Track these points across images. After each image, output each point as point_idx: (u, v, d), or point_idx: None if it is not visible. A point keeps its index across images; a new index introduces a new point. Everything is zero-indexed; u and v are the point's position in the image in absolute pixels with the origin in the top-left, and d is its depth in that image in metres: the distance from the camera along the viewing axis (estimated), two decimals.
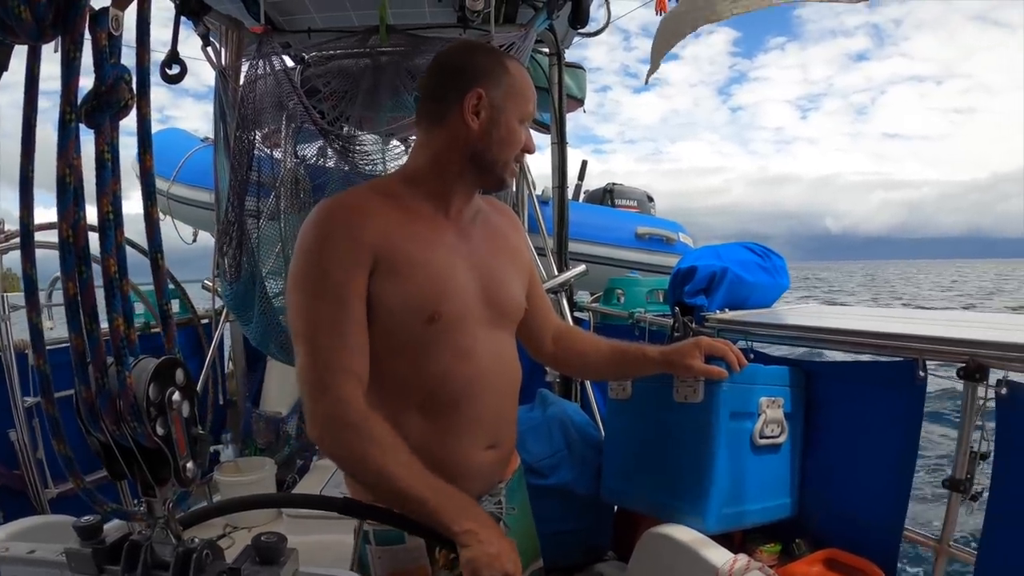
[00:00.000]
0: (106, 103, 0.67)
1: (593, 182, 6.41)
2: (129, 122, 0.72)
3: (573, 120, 4.10)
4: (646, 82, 2.28)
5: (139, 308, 3.21)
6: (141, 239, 0.77)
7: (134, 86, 0.71)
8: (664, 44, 2.14)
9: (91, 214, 0.69)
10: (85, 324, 0.68)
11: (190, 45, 2.90)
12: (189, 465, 0.73)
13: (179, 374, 0.73)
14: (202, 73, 2.91)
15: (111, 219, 0.69)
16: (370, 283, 1.17)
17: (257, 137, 2.84)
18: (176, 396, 0.71)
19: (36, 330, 0.74)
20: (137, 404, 0.68)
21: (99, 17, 0.67)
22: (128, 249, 0.73)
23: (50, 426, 0.75)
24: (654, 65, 2.21)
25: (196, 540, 0.75)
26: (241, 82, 2.82)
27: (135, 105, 0.71)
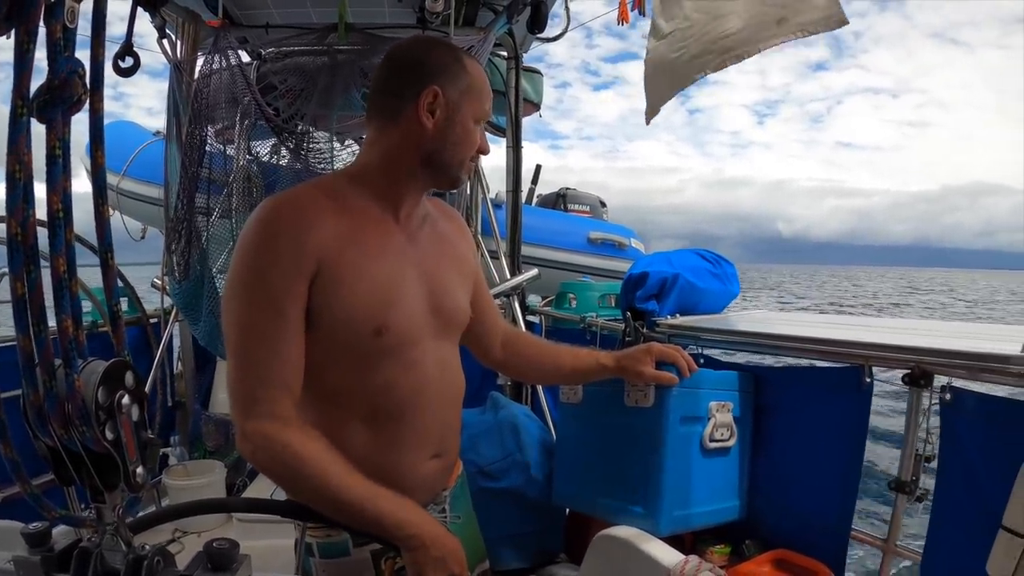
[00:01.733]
0: (59, 97, 0.65)
1: (549, 177, 6.51)
2: (80, 115, 0.70)
3: (530, 119, 4.16)
4: (647, 123, 2.32)
5: (86, 306, 3.12)
6: (87, 233, 0.75)
7: (87, 80, 0.69)
8: (662, 93, 2.19)
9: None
10: (33, 325, 0.66)
11: (145, 36, 2.84)
12: (139, 470, 0.72)
13: (128, 377, 0.71)
14: (156, 49, 2.84)
15: (61, 217, 0.67)
16: (312, 291, 1.10)
17: (210, 132, 2.79)
18: (126, 400, 0.69)
19: None
20: (86, 408, 0.67)
21: (54, 8, 0.65)
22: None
23: None
24: (653, 111, 2.25)
25: (147, 547, 0.73)
26: (196, 76, 2.77)
27: (88, 100, 0.70)
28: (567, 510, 2.29)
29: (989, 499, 1.50)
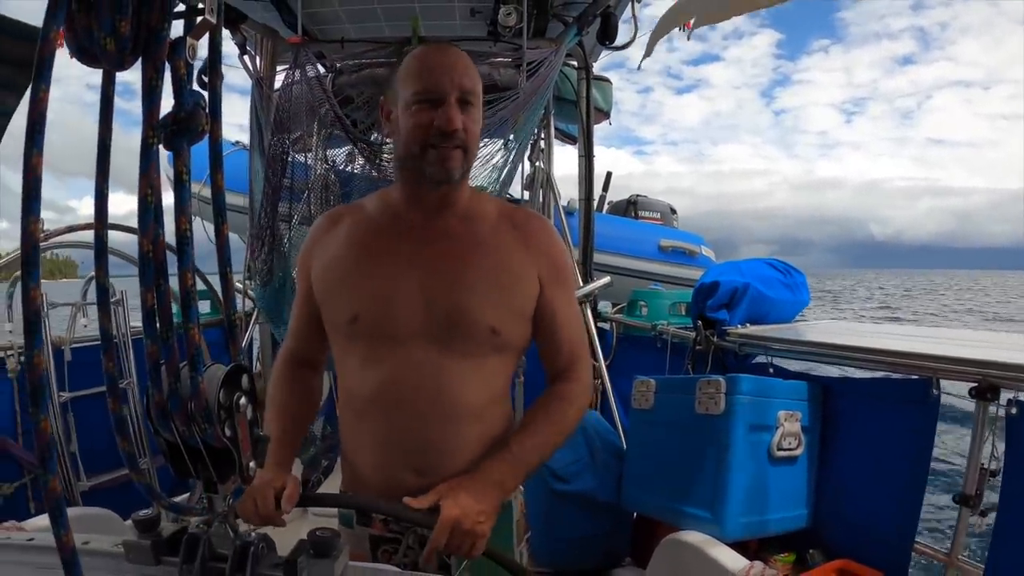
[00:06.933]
0: (186, 128, 0.72)
1: (635, 183, 6.51)
2: None
3: (615, 122, 4.23)
4: (639, 68, 2.48)
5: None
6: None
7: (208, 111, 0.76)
8: (659, 34, 2.35)
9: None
10: (162, 333, 0.73)
11: (228, 55, 2.98)
12: (251, 464, 0.79)
13: (244, 380, 0.78)
14: (239, 65, 3.01)
15: (189, 236, 0.74)
16: (312, 282, 1.33)
17: (289, 143, 2.90)
18: (243, 400, 0.77)
19: (106, 335, 0.80)
20: (208, 407, 0.73)
21: (177, 46, 0.72)
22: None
23: (116, 425, 0.80)
24: (648, 52, 2.41)
25: (253, 534, 0.80)
26: (276, 89, 2.89)
27: (209, 128, 0.77)
28: (635, 514, 2.32)
29: None
